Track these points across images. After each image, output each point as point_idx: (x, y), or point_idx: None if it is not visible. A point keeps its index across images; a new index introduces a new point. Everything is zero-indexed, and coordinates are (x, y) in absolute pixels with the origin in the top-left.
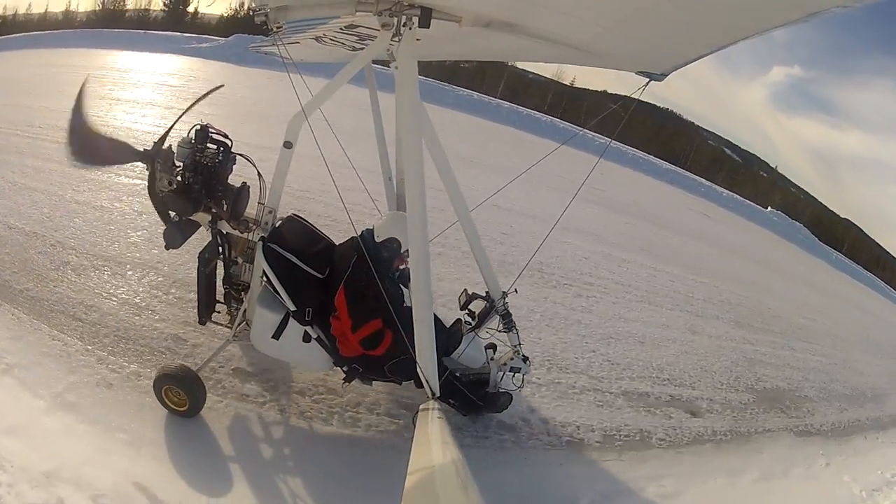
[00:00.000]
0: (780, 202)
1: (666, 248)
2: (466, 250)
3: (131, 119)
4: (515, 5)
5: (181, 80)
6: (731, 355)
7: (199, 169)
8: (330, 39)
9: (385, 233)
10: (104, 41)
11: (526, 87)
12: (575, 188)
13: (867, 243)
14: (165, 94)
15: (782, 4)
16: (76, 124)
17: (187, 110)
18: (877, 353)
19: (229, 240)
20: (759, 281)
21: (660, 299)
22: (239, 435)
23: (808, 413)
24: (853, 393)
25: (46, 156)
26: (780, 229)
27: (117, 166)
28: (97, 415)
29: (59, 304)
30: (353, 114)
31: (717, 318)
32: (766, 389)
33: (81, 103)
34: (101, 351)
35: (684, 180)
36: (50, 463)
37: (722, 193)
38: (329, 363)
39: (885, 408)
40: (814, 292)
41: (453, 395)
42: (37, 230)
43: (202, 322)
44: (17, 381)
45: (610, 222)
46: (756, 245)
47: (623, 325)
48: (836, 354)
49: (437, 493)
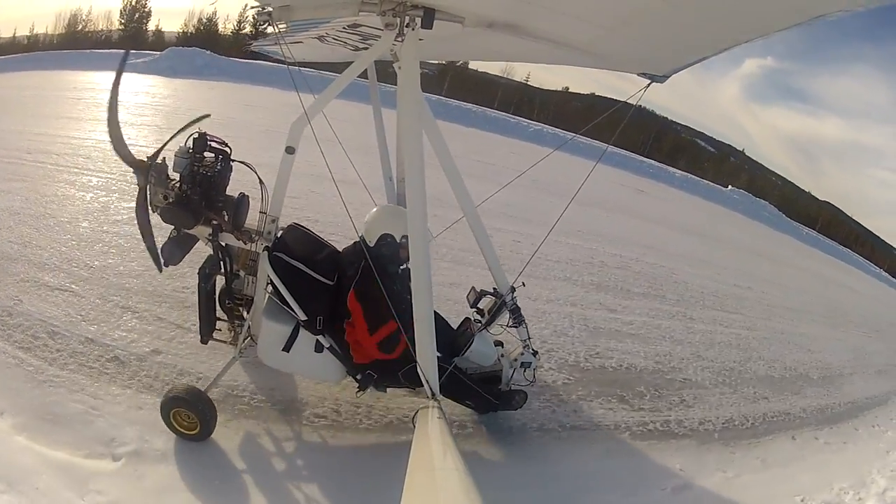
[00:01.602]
0: (747, 183)
1: (589, 223)
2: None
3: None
4: (518, 6)
5: (95, 94)
6: (578, 323)
7: (198, 179)
8: (332, 39)
9: (374, 234)
10: (46, 63)
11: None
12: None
13: (845, 222)
14: (76, 106)
15: (785, 7)
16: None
17: (179, 132)
18: (839, 326)
19: (230, 252)
20: (693, 253)
21: (561, 271)
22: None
23: (672, 404)
24: (787, 375)
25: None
26: (742, 207)
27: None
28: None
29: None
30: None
31: (580, 283)
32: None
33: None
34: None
35: (630, 162)
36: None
37: (675, 174)
38: (342, 372)
39: (832, 394)
40: (764, 263)
41: (469, 395)
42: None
43: (203, 341)
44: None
45: (536, 203)
46: (704, 221)
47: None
48: (773, 327)
49: (438, 493)
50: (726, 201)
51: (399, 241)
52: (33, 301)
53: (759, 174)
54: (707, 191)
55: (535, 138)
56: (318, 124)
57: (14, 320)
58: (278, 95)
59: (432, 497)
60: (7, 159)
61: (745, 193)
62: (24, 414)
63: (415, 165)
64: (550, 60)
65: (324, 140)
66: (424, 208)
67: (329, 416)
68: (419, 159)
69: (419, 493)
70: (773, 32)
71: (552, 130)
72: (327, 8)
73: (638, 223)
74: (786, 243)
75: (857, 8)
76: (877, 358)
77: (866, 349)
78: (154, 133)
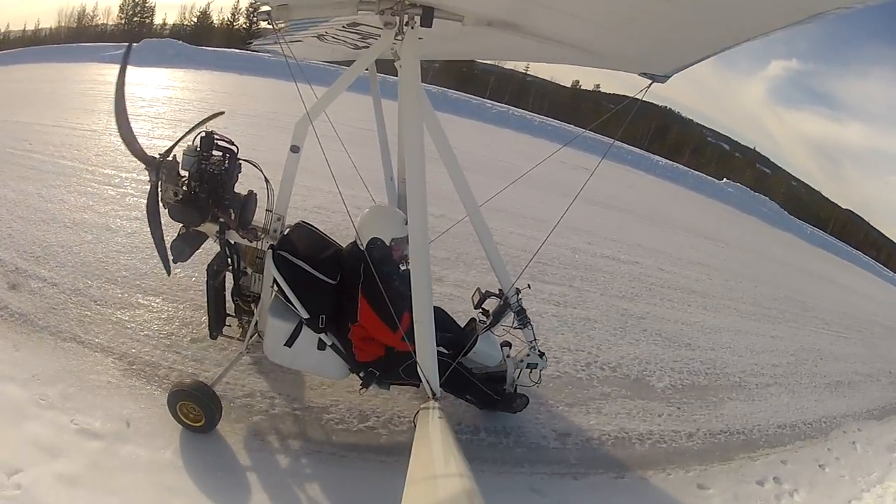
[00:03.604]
0: (752, 180)
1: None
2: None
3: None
4: (518, 5)
5: (54, 86)
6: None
7: (206, 177)
8: (332, 38)
9: (365, 237)
10: (30, 56)
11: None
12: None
13: (863, 228)
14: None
15: (786, 5)
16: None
17: (193, 129)
18: (824, 326)
19: (237, 250)
20: (646, 241)
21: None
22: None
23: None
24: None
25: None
26: (735, 201)
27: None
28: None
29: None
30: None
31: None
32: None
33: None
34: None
35: (603, 147)
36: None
37: (658, 162)
38: (345, 370)
39: (751, 414)
40: (744, 258)
41: (469, 390)
42: None
43: (213, 336)
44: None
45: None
46: (680, 210)
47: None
48: (720, 325)
49: (438, 492)
50: (718, 194)
51: (389, 243)
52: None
53: (766, 172)
54: (695, 181)
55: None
56: (319, 124)
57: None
58: (235, 79)
59: (433, 497)
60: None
61: (741, 187)
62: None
63: (415, 164)
64: (551, 59)
65: (323, 136)
66: (425, 208)
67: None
68: (420, 158)
69: (420, 493)
70: (774, 31)
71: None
72: (326, 7)
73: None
74: (785, 242)
75: (856, 5)
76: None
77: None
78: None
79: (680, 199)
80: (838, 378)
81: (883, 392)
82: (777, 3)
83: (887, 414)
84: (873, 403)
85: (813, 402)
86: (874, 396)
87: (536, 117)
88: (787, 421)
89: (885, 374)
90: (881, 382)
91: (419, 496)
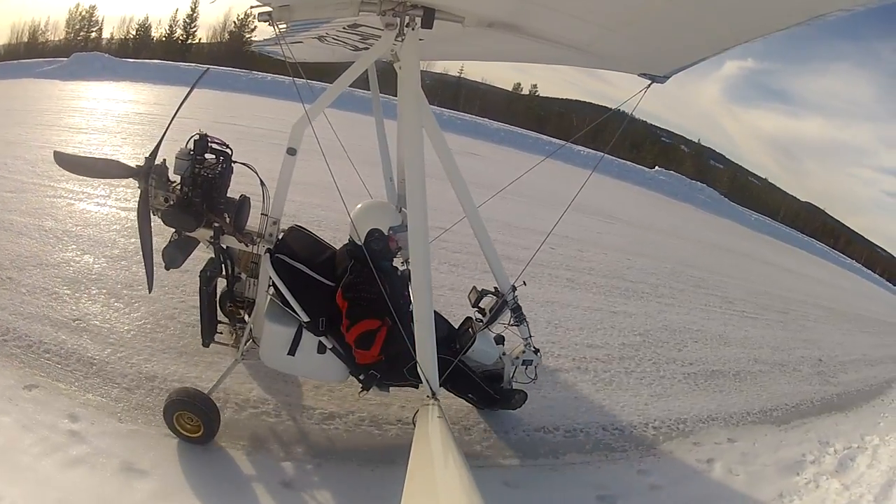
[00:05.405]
0: (693, 171)
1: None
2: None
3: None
4: (518, 6)
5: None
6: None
7: (199, 181)
8: (332, 39)
9: (362, 230)
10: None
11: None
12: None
13: (820, 218)
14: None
15: (785, 7)
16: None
17: (172, 120)
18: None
19: (231, 255)
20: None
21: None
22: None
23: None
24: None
25: None
26: (667, 188)
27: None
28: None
29: None
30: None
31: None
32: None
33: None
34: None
35: (513, 137)
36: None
37: (580, 152)
38: (345, 373)
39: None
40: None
41: (471, 389)
42: None
43: (205, 344)
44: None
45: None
46: (587, 195)
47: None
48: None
49: (438, 492)
50: (647, 182)
51: (387, 233)
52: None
53: (710, 163)
54: (622, 169)
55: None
56: (318, 124)
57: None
58: (150, 90)
59: (432, 497)
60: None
61: (675, 174)
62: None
63: (415, 165)
64: (551, 60)
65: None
66: (425, 208)
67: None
68: (419, 159)
69: (420, 492)
70: (774, 32)
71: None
72: (327, 8)
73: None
74: (722, 227)
75: (856, 7)
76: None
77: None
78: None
79: (597, 186)
80: (715, 367)
81: (797, 385)
82: (777, 5)
83: (800, 416)
84: (772, 401)
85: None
86: (780, 391)
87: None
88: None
89: (809, 363)
90: (800, 373)
91: (419, 495)
